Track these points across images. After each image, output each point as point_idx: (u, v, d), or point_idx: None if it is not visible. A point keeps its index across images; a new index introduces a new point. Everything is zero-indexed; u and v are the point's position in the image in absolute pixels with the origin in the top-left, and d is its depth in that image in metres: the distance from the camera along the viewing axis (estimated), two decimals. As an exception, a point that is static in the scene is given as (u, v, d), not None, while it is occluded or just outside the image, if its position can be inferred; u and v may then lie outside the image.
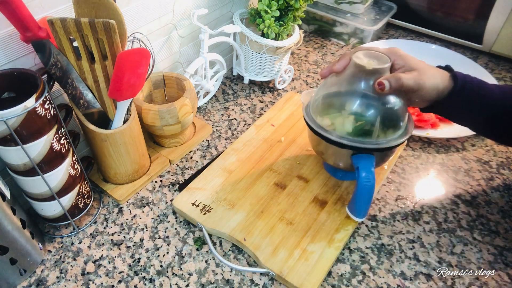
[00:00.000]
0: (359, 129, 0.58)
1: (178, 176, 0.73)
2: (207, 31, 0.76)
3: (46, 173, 0.55)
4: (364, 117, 0.58)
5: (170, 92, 0.79)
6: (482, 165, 0.75)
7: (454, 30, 1.03)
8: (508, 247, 0.62)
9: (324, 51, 1.07)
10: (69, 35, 0.54)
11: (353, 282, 0.58)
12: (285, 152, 0.75)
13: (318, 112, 0.62)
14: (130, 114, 0.63)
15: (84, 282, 0.58)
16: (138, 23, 0.70)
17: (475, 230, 0.65)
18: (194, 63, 0.78)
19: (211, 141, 0.80)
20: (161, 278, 0.58)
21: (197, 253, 0.62)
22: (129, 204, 0.69)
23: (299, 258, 0.59)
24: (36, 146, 0.52)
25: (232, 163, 0.73)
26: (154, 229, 0.65)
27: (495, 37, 0.96)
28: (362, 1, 1.03)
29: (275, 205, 0.66)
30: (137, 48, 0.56)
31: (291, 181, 0.70)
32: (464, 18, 1.00)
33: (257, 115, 0.86)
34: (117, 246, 0.63)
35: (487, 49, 1.00)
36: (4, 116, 0.47)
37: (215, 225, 0.63)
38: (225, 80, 0.96)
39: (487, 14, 0.94)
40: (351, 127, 0.58)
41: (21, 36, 0.51)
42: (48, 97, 0.52)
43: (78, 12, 0.55)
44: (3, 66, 0.54)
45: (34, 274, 0.59)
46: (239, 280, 0.58)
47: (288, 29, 0.85)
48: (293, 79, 0.96)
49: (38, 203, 0.59)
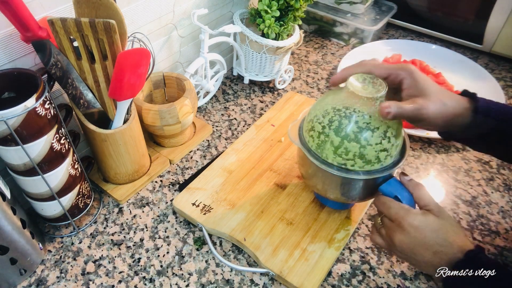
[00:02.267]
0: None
1: (178, 176, 0.73)
2: (207, 31, 0.76)
3: (46, 173, 0.55)
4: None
5: (170, 92, 0.79)
6: (482, 165, 0.75)
7: (454, 30, 1.03)
8: (508, 247, 0.62)
9: (324, 51, 1.07)
10: (70, 35, 0.54)
11: (353, 282, 0.58)
12: (285, 152, 0.75)
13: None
14: (130, 114, 0.63)
15: (84, 282, 0.58)
16: (139, 23, 0.70)
17: (475, 230, 0.65)
18: (194, 63, 0.78)
19: (211, 141, 0.80)
20: (161, 278, 0.58)
21: (197, 253, 0.62)
22: (129, 204, 0.69)
23: (299, 258, 0.59)
24: (36, 146, 0.52)
25: (232, 163, 0.73)
26: (154, 229, 0.65)
27: (496, 37, 0.96)
28: (362, 1, 1.03)
29: (275, 205, 0.66)
30: (137, 48, 0.56)
31: (291, 181, 0.70)
32: (464, 18, 1.00)
33: (257, 115, 0.86)
34: (117, 246, 0.63)
35: (487, 49, 1.00)
36: (4, 116, 0.47)
37: (215, 225, 0.63)
38: (225, 80, 0.96)
39: (487, 14, 0.94)
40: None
41: (21, 36, 0.51)
42: (48, 97, 0.52)
43: (79, 12, 0.55)
44: (3, 66, 0.54)
45: (34, 274, 0.59)
46: (239, 280, 0.58)
47: (288, 29, 0.85)
48: (293, 79, 0.96)
49: (38, 203, 0.59)
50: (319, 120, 0.54)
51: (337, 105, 0.53)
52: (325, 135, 0.53)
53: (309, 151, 0.56)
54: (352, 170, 0.53)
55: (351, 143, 0.51)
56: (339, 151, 0.52)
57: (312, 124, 0.55)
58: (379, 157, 0.52)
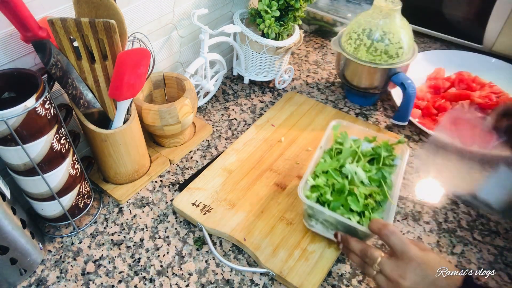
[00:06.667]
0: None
1: (178, 176, 0.73)
2: (207, 31, 0.76)
3: (46, 173, 0.55)
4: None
5: (170, 92, 0.79)
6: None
7: (454, 30, 1.03)
8: (508, 247, 0.62)
9: (324, 51, 1.07)
10: (70, 35, 0.54)
11: (353, 282, 0.58)
12: (285, 152, 0.75)
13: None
14: (130, 114, 0.63)
15: (84, 282, 0.58)
16: (139, 23, 0.70)
17: (475, 230, 0.65)
18: (194, 63, 0.78)
19: (211, 141, 0.80)
20: (161, 278, 0.58)
21: (197, 253, 0.62)
22: (129, 204, 0.69)
23: (299, 258, 0.59)
24: (36, 146, 0.52)
25: (232, 163, 0.73)
26: (154, 229, 0.65)
27: (495, 37, 0.96)
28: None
29: (275, 205, 0.66)
30: (137, 48, 0.56)
31: (291, 181, 0.70)
32: (464, 18, 1.00)
33: (257, 115, 0.86)
34: (117, 246, 0.63)
35: (487, 49, 1.00)
36: (4, 116, 0.47)
37: (215, 225, 0.63)
38: (225, 80, 0.96)
39: (487, 14, 0.94)
40: None
41: (22, 36, 0.51)
42: (48, 97, 0.52)
43: (79, 12, 0.55)
44: (3, 66, 0.54)
45: (34, 274, 0.59)
46: (239, 280, 0.58)
47: (288, 29, 0.85)
48: (293, 79, 0.96)
49: (38, 203, 0.59)
50: (354, 31, 0.79)
51: (367, 19, 0.78)
52: (360, 39, 0.78)
53: (348, 54, 0.81)
54: (379, 63, 0.78)
55: (378, 43, 0.77)
56: (370, 50, 0.78)
57: (349, 35, 0.81)
58: (398, 53, 0.77)
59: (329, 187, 0.58)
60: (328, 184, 0.59)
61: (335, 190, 0.58)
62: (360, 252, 0.52)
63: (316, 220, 0.59)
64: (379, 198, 0.57)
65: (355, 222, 0.54)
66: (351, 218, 0.54)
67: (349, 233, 0.55)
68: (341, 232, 0.56)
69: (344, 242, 0.54)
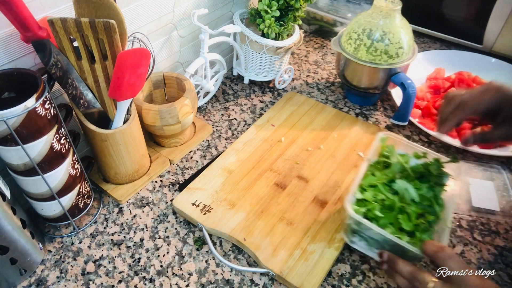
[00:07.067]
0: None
1: (178, 176, 0.73)
2: (207, 31, 0.76)
3: (46, 173, 0.55)
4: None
5: (170, 92, 0.79)
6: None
7: (454, 30, 1.03)
8: (508, 247, 0.62)
9: (324, 51, 1.07)
10: (70, 35, 0.54)
11: (353, 282, 0.58)
12: (285, 152, 0.75)
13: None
14: (130, 114, 0.63)
15: (84, 282, 0.58)
16: (139, 23, 0.70)
17: (475, 230, 0.65)
18: (194, 63, 0.78)
19: (211, 141, 0.80)
20: (161, 278, 0.58)
21: (197, 253, 0.62)
22: (129, 204, 0.69)
23: (299, 258, 0.59)
24: (36, 146, 0.52)
25: (232, 163, 0.73)
26: (154, 229, 0.65)
27: (495, 37, 0.96)
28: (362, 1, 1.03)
29: (275, 205, 0.66)
30: (137, 48, 0.56)
31: (291, 181, 0.70)
32: (464, 18, 1.00)
33: (257, 115, 0.86)
34: (117, 246, 0.63)
35: (487, 49, 1.00)
36: (4, 116, 0.47)
37: (215, 225, 0.63)
38: (225, 80, 0.96)
39: (487, 14, 0.94)
40: None
41: (21, 36, 0.51)
42: (48, 97, 0.52)
43: (79, 12, 0.55)
44: (3, 66, 0.54)
45: (34, 274, 0.59)
46: (239, 280, 0.58)
47: (288, 29, 0.85)
48: (293, 79, 0.96)
49: (38, 203, 0.59)
50: (354, 31, 0.79)
51: (367, 19, 0.78)
52: (360, 39, 0.78)
53: (348, 54, 0.81)
54: (379, 63, 0.78)
55: (378, 43, 0.77)
56: (370, 50, 0.77)
57: (349, 35, 0.81)
58: (398, 53, 0.77)
59: (378, 202, 0.56)
60: (377, 199, 0.56)
61: (385, 206, 0.55)
62: (409, 275, 0.49)
63: (360, 237, 0.55)
64: (431, 218, 0.54)
65: (405, 242, 0.50)
66: (401, 238, 0.51)
67: (395, 253, 0.52)
68: (388, 251, 0.53)
69: (390, 263, 0.51)
